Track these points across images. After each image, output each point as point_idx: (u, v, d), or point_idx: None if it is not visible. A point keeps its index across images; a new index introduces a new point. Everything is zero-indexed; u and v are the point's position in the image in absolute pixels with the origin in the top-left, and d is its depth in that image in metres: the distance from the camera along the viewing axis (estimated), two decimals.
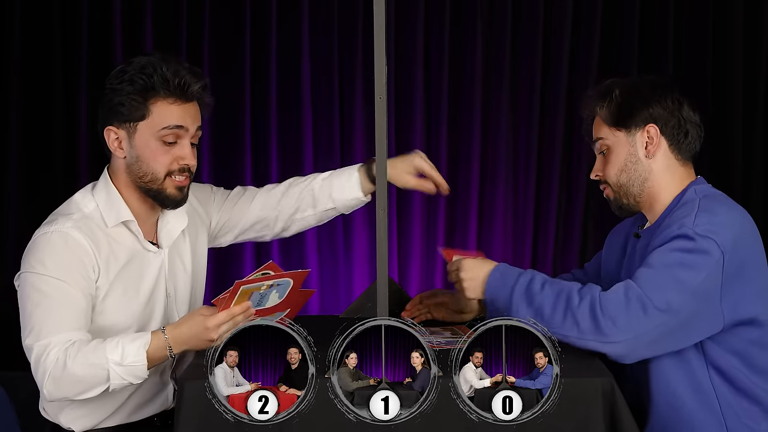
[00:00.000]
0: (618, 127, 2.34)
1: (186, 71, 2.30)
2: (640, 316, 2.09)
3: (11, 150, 4.10)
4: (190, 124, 2.30)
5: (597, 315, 2.09)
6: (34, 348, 2.16)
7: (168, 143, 2.28)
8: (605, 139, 2.37)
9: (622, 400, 1.98)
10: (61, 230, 2.24)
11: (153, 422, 2.40)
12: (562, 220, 4.34)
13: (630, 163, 2.33)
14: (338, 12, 4.23)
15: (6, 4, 4.06)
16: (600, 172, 2.40)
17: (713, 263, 2.12)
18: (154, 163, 2.28)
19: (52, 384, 2.13)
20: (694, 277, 2.11)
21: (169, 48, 4.12)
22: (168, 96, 2.27)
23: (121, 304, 2.30)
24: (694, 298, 2.12)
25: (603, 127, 2.38)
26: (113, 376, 2.12)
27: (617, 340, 2.09)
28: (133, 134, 2.28)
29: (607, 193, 2.41)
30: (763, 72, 4.27)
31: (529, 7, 4.25)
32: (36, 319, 2.18)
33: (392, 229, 4.25)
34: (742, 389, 2.21)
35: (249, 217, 2.59)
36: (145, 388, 2.36)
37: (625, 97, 2.35)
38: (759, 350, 2.22)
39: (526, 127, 4.30)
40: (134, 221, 2.33)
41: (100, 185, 2.35)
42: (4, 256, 4.08)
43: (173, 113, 2.27)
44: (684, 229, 2.16)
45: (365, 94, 4.22)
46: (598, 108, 2.38)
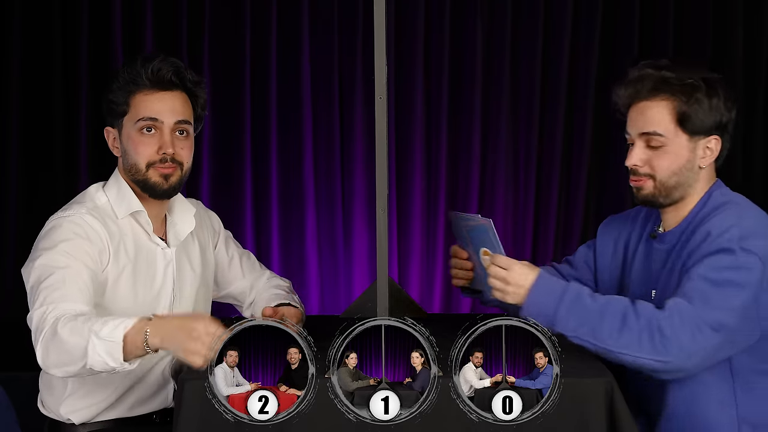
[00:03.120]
0: (686, 130, 2.20)
1: (160, 61, 2.32)
2: (696, 336, 2.05)
3: (11, 149, 4.10)
4: (166, 115, 2.31)
5: (654, 335, 2.04)
6: (34, 315, 2.11)
7: (147, 133, 2.31)
8: (665, 136, 2.20)
9: (622, 400, 1.98)
10: (75, 215, 2.27)
11: (152, 419, 2.40)
12: (562, 220, 4.34)
13: (685, 169, 2.21)
14: (338, 12, 4.23)
15: (6, 4, 4.06)
16: (643, 163, 2.23)
17: (756, 278, 2.10)
18: (135, 155, 2.31)
19: (42, 348, 2.07)
20: (740, 294, 2.08)
21: (169, 48, 4.13)
22: (144, 88, 2.31)
23: (129, 295, 2.31)
24: (740, 314, 2.09)
25: (668, 123, 2.19)
26: (90, 349, 2.00)
27: (673, 359, 2.05)
28: (121, 130, 2.34)
29: (645, 185, 2.24)
30: (763, 72, 4.28)
31: (529, 6, 4.25)
32: (41, 291, 2.16)
33: (392, 229, 4.25)
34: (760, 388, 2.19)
35: (239, 283, 2.61)
36: (147, 385, 2.37)
37: (708, 101, 2.18)
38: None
39: (526, 127, 4.30)
40: (144, 212, 2.36)
41: (111, 182, 2.39)
42: (3, 256, 4.08)
43: (147, 104, 2.30)
44: (730, 243, 2.10)
45: (365, 94, 4.22)
46: (673, 98, 2.18)
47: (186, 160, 2.35)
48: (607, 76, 4.30)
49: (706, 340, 2.06)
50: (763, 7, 4.26)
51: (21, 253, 4.25)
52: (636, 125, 2.23)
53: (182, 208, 2.46)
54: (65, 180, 4.12)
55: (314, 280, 4.26)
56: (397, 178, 4.29)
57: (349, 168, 4.28)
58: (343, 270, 4.30)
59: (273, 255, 4.25)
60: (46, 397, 2.38)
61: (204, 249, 2.52)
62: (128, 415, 2.37)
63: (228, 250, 2.62)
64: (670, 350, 2.04)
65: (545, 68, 4.29)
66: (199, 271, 2.49)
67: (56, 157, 4.13)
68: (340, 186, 4.30)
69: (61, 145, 4.13)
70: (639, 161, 2.22)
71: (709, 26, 4.27)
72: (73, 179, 4.10)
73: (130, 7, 4.13)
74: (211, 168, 4.23)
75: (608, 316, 2.07)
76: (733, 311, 2.07)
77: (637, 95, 2.23)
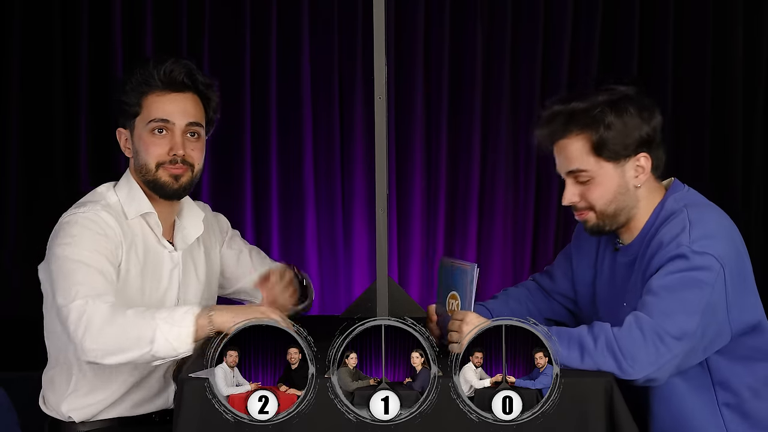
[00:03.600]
0: (608, 159, 2.17)
1: (173, 62, 2.34)
2: (660, 347, 2.03)
3: (11, 150, 4.10)
4: (177, 117, 2.33)
5: (617, 355, 2.02)
6: (73, 307, 2.12)
7: (158, 134, 2.32)
8: (589, 171, 2.18)
9: (621, 400, 1.98)
10: (90, 212, 2.29)
11: (152, 419, 2.40)
12: (562, 220, 4.34)
13: (620, 194, 2.20)
14: (338, 12, 4.23)
15: (6, 4, 4.06)
16: (576, 198, 2.22)
17: (714, 277, 2.08)
18: (146, 155, 2.33)
19: (92, 338, 2.08)
20: (699, 296, 2.06)
21: (169, 48, 4.13)
22: (156, 89, 2.33)
23: (137, 295, 2.32)
24: (704, 316, 2.07)
25: (587, 157, 2.17)
26: (159, 335, 2.06)
27: (641, 375, 2.04)
28: (133, 131, 2.36)
29: (587, 217, 2.24)
30: (763, 72, 4.28)
31: (529, 7, 4.25)
32: (73, 282, 2.16)
33: (392, 229, 4.25)
34: (747, 402, 2.18)
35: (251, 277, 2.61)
36: (148, 386, 2.37)
37: (619, 124, 2.15)
38: (763, 355, 2.19)
39: (526, 127, 4.30)
40: (154, 213, 2.37)
41: (122, 182, 2.41)
42: (3, 257, 4.07)
43: (159, 106, 2.32)
44: (681, 248, 2.09)
45: (365, 94, 4.22)
46: (583, 133, 2.17)
47: (197, 162, 2.36)
48: (607, 76, 4.30)
49: (670, 350, 2.04)
50: (763, 7, 4.26)
51: (21, 254, 4.25)
52: (561, 165, 2.23)
53: (191, 212, 2.48)
54: (65, 180, 4.11)
55: (314, 280, 4.26)
56: (397, 178, 4.29)
57: (349, 168, 4.28)
58: (343, 270, 4.30)
59: (273, 255, 4.24)
60: (49, 395, 2.38)
61: (209, 253, 2.53)
62: (131, 414, 2.37)
63: (234, 246, 2.62)
64: (636, 368, 2.02)
65: (545, 69, 4.29)
66: (203, 275, 2.50)
67: (56, 157, 4.13)
68: (340, 186, 4.30)
69: (61, 146, 4.13)
70: (573, 197, 2.22)
71: (709, 26, 4.27)
72: (73, 180, 4.10)
73: (130, 8, 4.13)
74: (211, 168, 4.23)
75: (572, 347, 2.04)
76: (694, 314, 2.05)
77: (554, 135, 2.22)
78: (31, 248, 4.06)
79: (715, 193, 4.05)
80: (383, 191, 2.34)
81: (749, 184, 4.28)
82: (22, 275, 3.98)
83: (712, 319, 2.09)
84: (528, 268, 4.34)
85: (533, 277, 2.60)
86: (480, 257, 4.32)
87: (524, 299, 2.52)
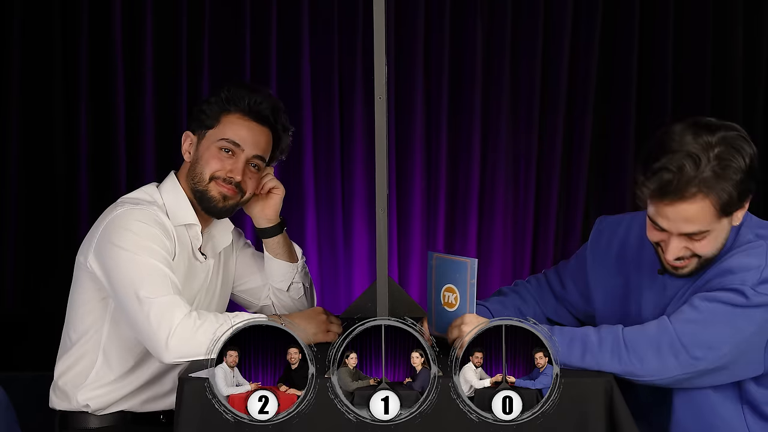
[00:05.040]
0: (725, 214, 2.05)
1: (265, 96, 2.43)
2: (671, 360, 2.01)
3: (11, 150, 4.09)
4: (248, 145, 2.39)
5: (622, 357, 2.01)
6: (155, 303, 2.16)
7: (225, 153, 2.38)
8: (711, 231, 2.05)
9: (621, 400, 1.98)
10: (147, 209, 2.32)
11: (159, 420, 2.41)
12: (562, 220, 4.34)
13: (725, 238, 2.10)
14: (338, 12, 4.23)
15: (6, 4, 4.06)
16: (685, 252, 2.09)
17: (764, 318, 2.03)
18: (205, 165, 2.38)
19: (177, 342, 2.13)
20: (742, 331, 2.02)
21: (169, 48, 4.13)
22: (239, 112, 2.40)
23: None
24: (738, 348, 2.03)
25: (710, 217, 2.03)
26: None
27: (644, 380, 2.03)
28: (202, 139, 2.41)
29: (689, 264, 2.11)
30: (763, 72, 4.28)
31: (529, 6, 4.25)
32: (147, 275, 2.20)
33: (392, 229, 4.25)
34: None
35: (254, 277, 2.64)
36: (162, 384, 2.40)
37: (740, 178, 2.01)
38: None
39: (526, 127, 4.30)
40: (198, 226, 2.42)
41: (168, 186, 2.44)
42: (3, 257, 4.07)
43: (236, 128, 2.39)
44: (745, 287, 2.02)
45: (365, 94, 4.22)
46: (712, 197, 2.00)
47: (249, 191, 2.43)
48: (607, 76, 4.30)
49: (682, 367, 2.02)
50: (763, 7, 4.26)
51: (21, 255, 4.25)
52: (674, 225, 2.06)
53: (221, 222, 2.51)
54: (65, 181, 4.11)
55: (314, 280, 4.25)
56: (397, 178, 4.29)
57: (349, 168, 4.28)
58: (343, 270, 4.30)
59: None
60: (65, 384, 2.39)
61: (227, 260, 2.58)
62: (140, 410, 2.40)
63: (242, 249, 2.65)
64: (640, 370, 2.02)
65: (545, 68, 4.29)
66: (224, 282, 2.55)
67: (56, 157, 4.12)
68: (340, 186, 4.30)
69: (61, 146, 4.12)
70: (680, 252, 2.09)
71: (709, 26, 4.27)
72: (73, 180, 4.10)
73: (130, 8, 4.13)
74: None
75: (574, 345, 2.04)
76: (724, 346, 2.02)
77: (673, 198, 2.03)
78: (31, 248, 4.09)
79: None
80: (383, 191, 2.34)
81: None
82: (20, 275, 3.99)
83: (747, 352, 2.06)
84: (528, 268, 4.34)
85: (545, 273, 2.53)
86: (480, 257, 4.31)
87: (532, 300, 2.48)
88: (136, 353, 2.35)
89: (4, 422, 2.41)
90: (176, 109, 4.15)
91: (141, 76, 4.12)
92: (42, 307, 3.89)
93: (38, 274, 4.00)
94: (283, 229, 2.58)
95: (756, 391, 2.14)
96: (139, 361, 2.36)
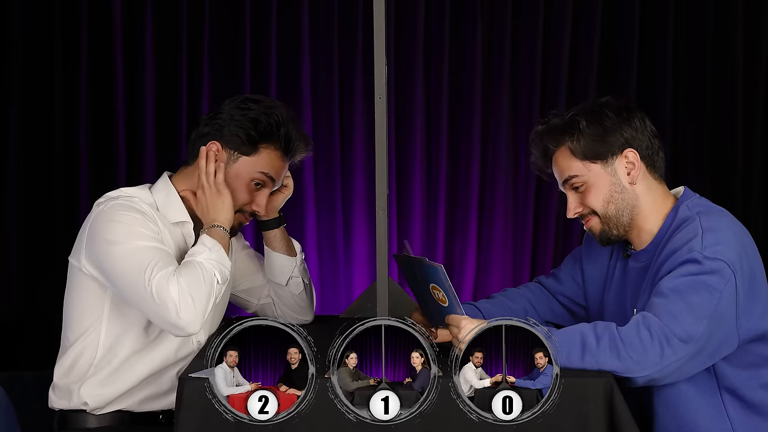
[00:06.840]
0: (593, 160, 2.24)
1: (301, 139, 2.45)
2: (665, 349, 2.03)
3: (11, 150, 4.09)
4: (278, 178, 2.45)
5: (620, 353, 2.03)
6: (154, 286, 2.18)
7: (255, 185, 2.41)
8: (580, 175, 2.26)
9: (622, 400, 1.98)
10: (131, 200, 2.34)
11: (158, 420, 2.41)
12: (562, 221, 4.34)
13: (615, 193, 2.25)
14: (338, 12, 4.23)
15: (6, 4, 4.06)
16: (579, 208, 2.29)
17: (724, 283, 2.07)
18: (236, 193, 2.39)
19: (185, 313, 2.17)
20: (708, 300, 2.06)
21: (169, 48, 4.13)
22: (278, 148, 2.41)
23: None
24: (711, 321, 2.06)
25: (574, 163, 2.26)
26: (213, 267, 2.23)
27: (643, 375, 2.04)
28: (233, 162, 2.40)
29: (592, 224, 2.29)
30: (763, 74, 4.27)
31: (529, 6, 4.25)
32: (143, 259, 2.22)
33: (392, 229, 4.25)
34: (755, 405, 2.18)
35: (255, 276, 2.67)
36: (160, 382, 2.40)
37: (594, 126, 2.24)
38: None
39: (526, 128, 4.30)
40: (190, 223, 2.41)
41: (160, 186, 2.45)
42: (3, 257, 4.07)
43: (275, 164, 2.43)
44: (693, 253, 2.09)
45: (365, 94, 4.22)
46: (564, 143, 2.26)
47: (260, 214, 2.48)
48: (607, 76, 4.30)
49: (675, 352, 2.04)
50: (763, 7, 4.25)
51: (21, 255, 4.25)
52: (558, 180, 2.33)
53: None
54: (65, 181, 4.11)
55: (314, 280, 4.25)
56: (397, 178, 4.29)
57: (349, 168, 4.28)
58: (343, 270, 4.30)
59: None
60: (65, 380, 2.39)
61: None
62: (138, 409, 2.39)
63: (240, 249, 2.65)
64: (639, 367, 2.03)
65: (545, 68, 4.29)
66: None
67: (56, 157, 4.12)
68: (340, 186, 4.30)
69: (61, 145, 4.11)
70: (575, 206, 2.29)
71: (709, 26, 4.27)
72: (73, 180, 4.10)
73: (130, 7, 4.13)
74: None
75: (574, 345, 2.05)
76: (701, 318, 2.05)
77: (545, 154, 2.32)
78: (31, 248, 4.09)
79: (715, 193, 4.09)
80: (383, 191, 2.34)
81: (749, 184, 4.28)
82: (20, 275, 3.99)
83: (720, 325, 2.09)
84: (528, 269, 4.34)
85: (537, 278, 2.61)
86: (480, 258, 4.32)
87: (521, 298, 2.52)
88: (135, 347, 2.36)
89: (4, 422, 2.41)
90: (176, 109, 4.15)
91: (141, 76, 4.12)
92: (42, 307, 3.89)
93: (38, 274, 4.00)
94: (281, 224, 2.60)
95: (732, 374, 2.17)
96: (137, 354, 2.36)
